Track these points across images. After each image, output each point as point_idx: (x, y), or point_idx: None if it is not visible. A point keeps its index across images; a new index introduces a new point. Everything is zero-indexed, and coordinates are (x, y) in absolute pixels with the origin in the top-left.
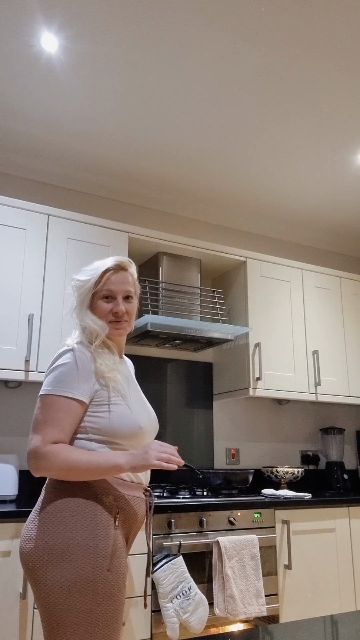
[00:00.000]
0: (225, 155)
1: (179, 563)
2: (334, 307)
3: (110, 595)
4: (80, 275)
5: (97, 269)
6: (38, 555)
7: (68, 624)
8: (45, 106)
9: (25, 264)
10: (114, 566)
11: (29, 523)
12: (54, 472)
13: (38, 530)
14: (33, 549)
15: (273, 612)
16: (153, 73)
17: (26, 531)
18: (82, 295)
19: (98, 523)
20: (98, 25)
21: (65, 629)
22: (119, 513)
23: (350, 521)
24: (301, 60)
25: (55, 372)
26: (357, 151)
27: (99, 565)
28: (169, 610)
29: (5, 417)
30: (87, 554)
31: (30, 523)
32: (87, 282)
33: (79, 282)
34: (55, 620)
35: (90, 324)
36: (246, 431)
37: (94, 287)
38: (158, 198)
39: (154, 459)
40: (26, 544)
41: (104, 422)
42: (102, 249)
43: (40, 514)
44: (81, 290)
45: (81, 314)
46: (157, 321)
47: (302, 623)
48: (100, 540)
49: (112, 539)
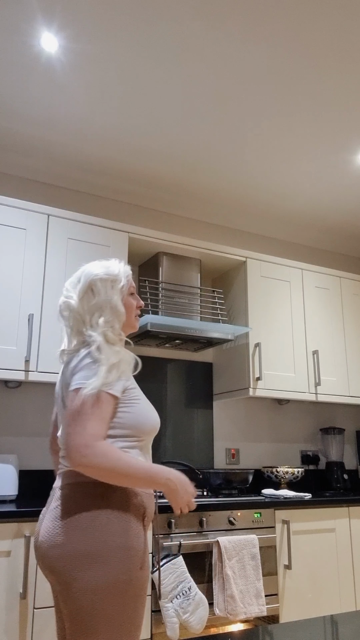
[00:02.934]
0: (226, 155)
1: (179, 563)
2: (334, 307)
3: (137, 595)
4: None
5: (121, 267)
6: (72, 558)
7: (99, 624)
8: (45, 106)
9: (25, 264)
10: (145, 564)
11: (55, 524)
12: (102, 469)
13: (70, 532)
14: (66, 552)
15: (273, 612)
16: (153, 73)
17: (53, 533)
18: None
19: (131, 523)
20: (98, 25)
21: (96, 629)
22: (145, 512)
23: (350, 521)
24: (301, 60)
25: (93, 366)
26: (357, 151)
27: (133, 565)
28: (169, 610)
29: (5, 417)
30: (123, 556)
31: (57, 524)
32: (120, 277)
33: (110, 275)
34: (86, 621)
35: (122, 316)
36: (246, 431)
37: (128, 283)
38: (158, 198)
39: (186, 502)
40: (56, 547)
41: (130, 417)
42: (102, 249)
43: (69, 516)
44: (120, 283)
45: (118, 304)
46: (157, 321)
47: (302, 623)
48: (134, 540)
49: (142, 537)
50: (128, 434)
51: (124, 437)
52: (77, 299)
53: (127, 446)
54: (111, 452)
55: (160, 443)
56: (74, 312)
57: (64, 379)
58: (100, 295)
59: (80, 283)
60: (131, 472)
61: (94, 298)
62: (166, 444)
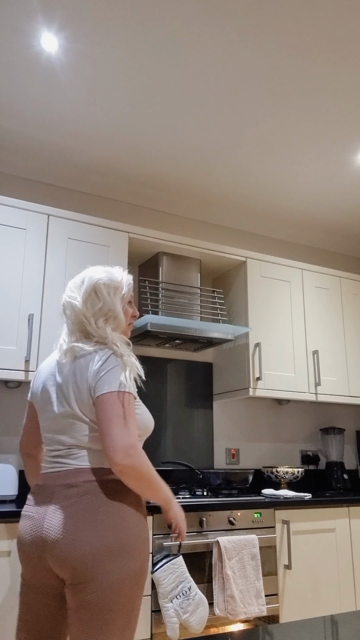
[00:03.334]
0: (226, 155)
1: (179, 563)
2: (334, 307)
3: (143, 585)
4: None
5: (124, 275)
6: (101, 553)
7: (117, 615)
8: (45, 106)
9: (25, 264)
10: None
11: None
12: (142, 472)
13: (96, 528)
14: (95, 547)
15: (273, 612)
16: (153, 73)
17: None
18: (123, 295)
19: (143, 518)
20: (98, 25)
21: (114, 620)
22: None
23: (350, 521)
24: (301, 60)
25: (121, 369)
26: (357, 151)
27: (147, 556)
28: (169, 610)
29: (5, 417)
30: (144, 548)
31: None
32: (122, 284)
33: (113, 282)
34: (105, 612)
35: (122, 323)
36: (246, 431)
37: (129, 291)
38: (158, 198)
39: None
40: (82, 543)
41: (139, 418)
42: (102, 249)
43: (93, 512)
44: (123, 290)
45: (119, 310)
46: (157, 321)
47: (302, 623)
48: (147, 533)
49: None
50: (138, 434)
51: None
52: (81, 300)
53: None
54: (148, 460)
55: (160, 443)
56: (77, 312)
57: (77, 380)
58: (105, 300)
59: (84, 285)
60: (158, 483)
61: (99, 302)
62: (166, 444)
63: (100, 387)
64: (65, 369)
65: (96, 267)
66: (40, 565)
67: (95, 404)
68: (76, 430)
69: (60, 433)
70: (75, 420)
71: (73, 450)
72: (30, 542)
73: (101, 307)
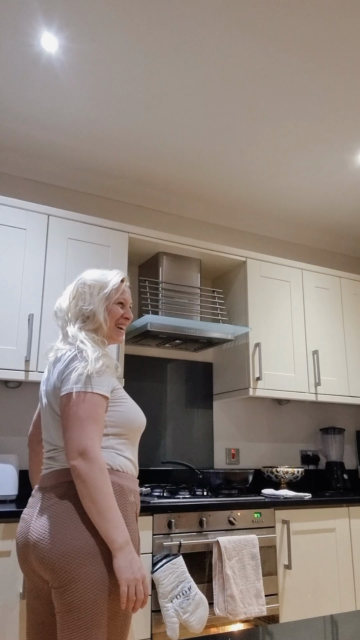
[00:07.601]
0: (226, 155)
1: (179, 563)
2: (334, 307)
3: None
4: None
5: (113, 276)
6: (77, 555)
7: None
8: (45, 106)
9: (25, 264)
10: None
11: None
12: (81, 479)
13: (73, 530)
14: (71, 549)
15: (273, 612)
16: (153, 73)
17: (53, 532)
18: (105, 294)
19: (127, 520)
20: (98, 25)
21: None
22: (136, 510)
23: (350, 521)
24: (301, 60)
25: (83, 368)
26: (357, 151)
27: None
28: (169, 610)
29: (5, 417)
30: None
31: (57, 523)
32: (107, 284)
33: (98, 282)
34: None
35: (103, 323)
36: (246, 431)
37: (116, 292)
38: (158, 198)
39: (133, 591)
40: (59, 545)
41: (120, 415)
42: (102, 249)
43: (70, 514)
44: (105, 290)
45: (99, 310)
46: (157, 321)
47: (302, 623)
48: (131, 536)
49: (137, 534)
50: (119, 432)
51: (115, 435)
52: (67, 302)
53: (119, 442)
54: (103, 470)
55: (160, 443)
56: (63, 314)
57: (51, 379)
58: (86, 300)
59: (72, 287)
60: (105, 505)
61: (80, 302)
62: (166, 443)
63: (63, 387)
64: (49, 369)
65: (91, 270)
66: (30, 568)
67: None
68: (55, 431)
69: (46, 433)
70: (53, 422)
71: (57, 451)
72: (21, 544)
73: (81, 307)
